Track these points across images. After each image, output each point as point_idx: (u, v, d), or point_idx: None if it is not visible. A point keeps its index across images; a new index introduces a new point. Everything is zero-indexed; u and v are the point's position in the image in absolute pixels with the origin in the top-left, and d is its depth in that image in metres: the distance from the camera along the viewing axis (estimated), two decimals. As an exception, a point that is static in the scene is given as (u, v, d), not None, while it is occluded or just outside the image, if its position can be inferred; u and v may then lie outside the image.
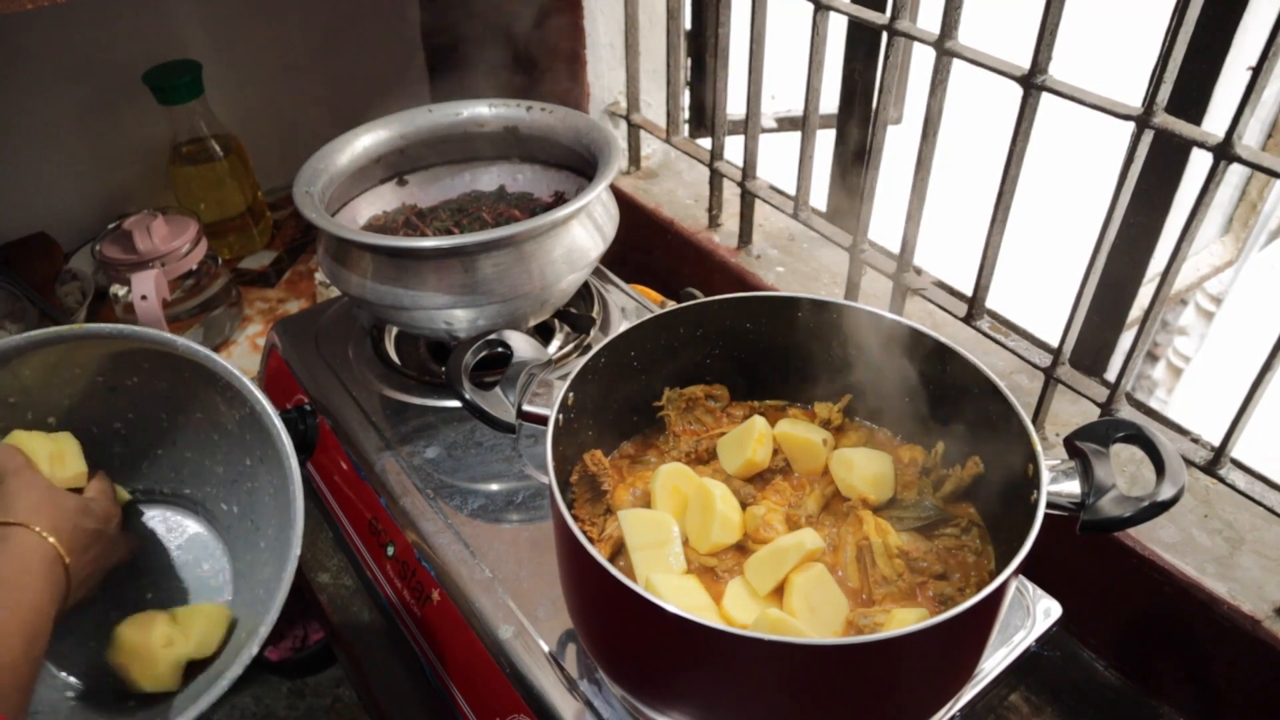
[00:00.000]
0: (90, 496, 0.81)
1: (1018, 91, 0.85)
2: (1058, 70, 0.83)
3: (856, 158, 1.23)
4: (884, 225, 1.10)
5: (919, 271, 1.06)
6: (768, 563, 0.70)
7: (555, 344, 1.10)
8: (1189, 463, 0.85)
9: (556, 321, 1.12)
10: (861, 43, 1.15)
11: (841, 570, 0.73)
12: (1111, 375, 0.97)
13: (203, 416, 0.89)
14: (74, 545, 0.74)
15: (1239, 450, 0.84)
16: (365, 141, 1.07)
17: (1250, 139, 1.11)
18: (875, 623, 0.67)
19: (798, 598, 0.68)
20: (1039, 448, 0.65)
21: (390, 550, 0.93)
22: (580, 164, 1.09)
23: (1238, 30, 0.79)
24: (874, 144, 1.01)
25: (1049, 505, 0.62)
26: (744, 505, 0.76)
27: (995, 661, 0.77)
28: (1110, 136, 0.94)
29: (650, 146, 1.47)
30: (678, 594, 0.69)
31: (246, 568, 0.89)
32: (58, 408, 0.87)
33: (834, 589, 0.69)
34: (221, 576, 0.90)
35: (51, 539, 0.72)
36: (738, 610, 0.69)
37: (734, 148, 1.24)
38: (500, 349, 0.80)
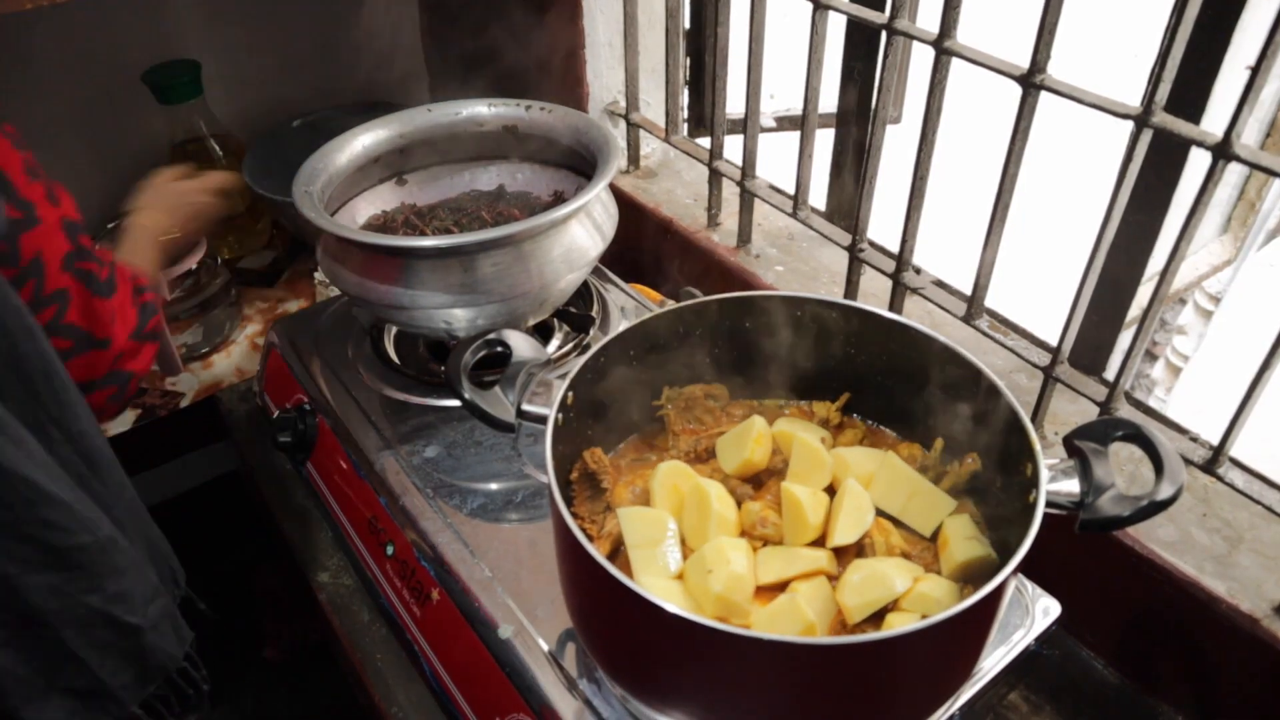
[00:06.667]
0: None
1: (1017, 90, 0.85)
2: (1056, 69, 0.83)
3: (856, 157, 1.23)
4: (883, 224, 1.10)
5: (918, 270, 1.06)
6: (779, 557, 0.71)
7: (555, 343, 1.10)
8: (1188, 462, 0.85)
9: (556, 321, 1.12)
10: (861, 42, 1.15)
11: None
12: (1110, 374, 0.97)
13: None
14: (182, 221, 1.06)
15: (1238, 449, 0.84)
16: (364, 141, 1.07)
17: (1249, 138, 1.10)
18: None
19: (801, 602, 0.68)
20: (1038, 447, 0.65)
21: (390, 549, 0.94)
22: (579, 163, 1.09)
23: (1236, 29, 0.79)
24: (873, 143, 1.01)
25: (1048, 504, 0.62)
26: (740, 504, 0.76)
27: (994, 660, 0.77)
28: (1109, 135, 0.94)
29: (649, 146, 1.47)
30: (676, 592, 0.69)
31: None
32: None
33: (833, 604, 0.69)
34: None
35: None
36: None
37: (733, 147, 1.24)
38: (499, 348, 0.80)
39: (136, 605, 0.75)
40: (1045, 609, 0.81)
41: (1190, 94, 0.81)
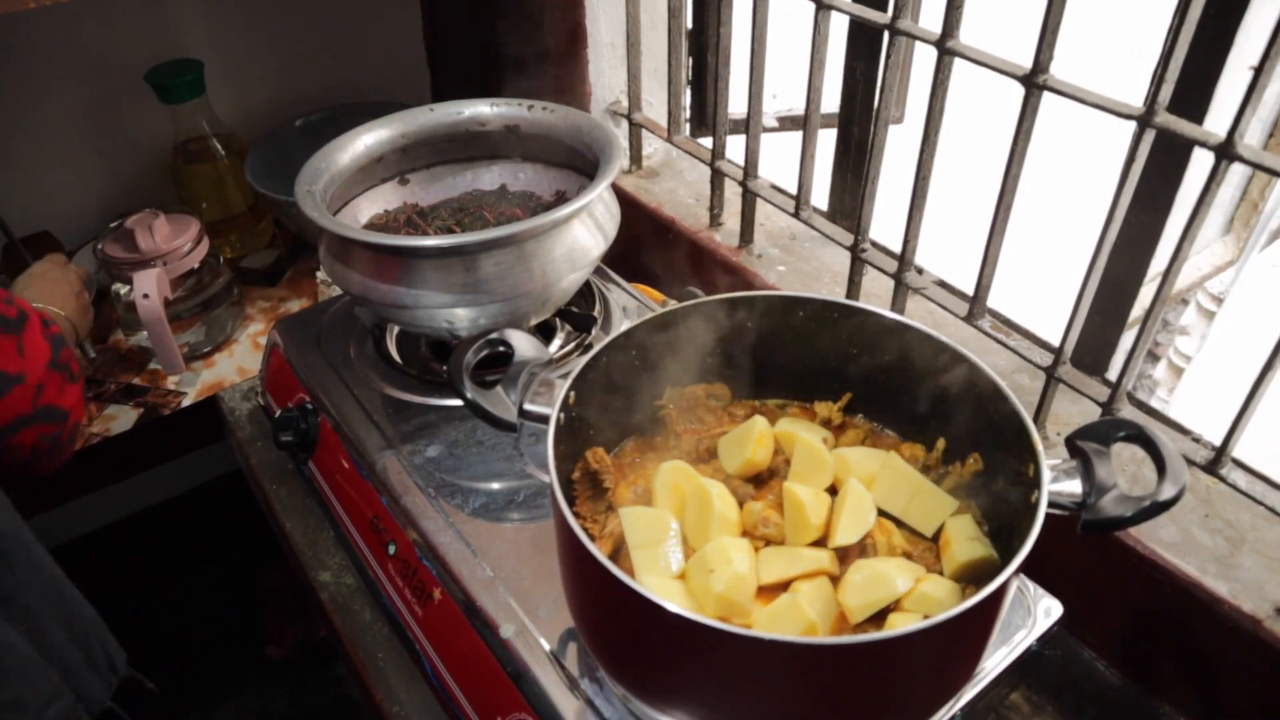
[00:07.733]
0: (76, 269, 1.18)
1: (1019, 91, 0.85)
2: (1059, 69, 0.83)
3: (858, 157, 1.23)
4: (885, 224, 1.10)
5: (920, 271, 1.06)
6: (780, 557, 0.71)
7: (557, 343, 1.10)
8: (1190, 462, 0.85)
9: (558, 320, 1.12)
10: (863, 42, 1.15)
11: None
12: (1113, 375, 0.97)
13: None
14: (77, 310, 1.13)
15: (1240, 450, 0.84)
16: (367, 140, 1.07)
17: (1252, 138, 1.10)
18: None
19: (803, 602, 0.68)
20: (1040, 447, 0.65)
21: (391, 549, 0.94)
22: (582, 163, 1.09)
23: (1239, 29, 0.79)
24: (875, 143, 1.01)
25: (1050, 505, 0.62)
26: (742, 504, 0.76)
27: (996, 661, 0.77)
28: (1112, 136, 0.94)
29: (651, 145, 1.47)
30: (677, 591, 0.69)
31: None
32: None
33: (835, 604, 0.69)
34: None
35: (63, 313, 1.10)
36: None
37: (735, 147, 1.24)
38: (501, 348, 0.80)
39: (31, 711, 0.70)
40: (1047, 609, 0.81)
41: (1193, 94, 0.81)
